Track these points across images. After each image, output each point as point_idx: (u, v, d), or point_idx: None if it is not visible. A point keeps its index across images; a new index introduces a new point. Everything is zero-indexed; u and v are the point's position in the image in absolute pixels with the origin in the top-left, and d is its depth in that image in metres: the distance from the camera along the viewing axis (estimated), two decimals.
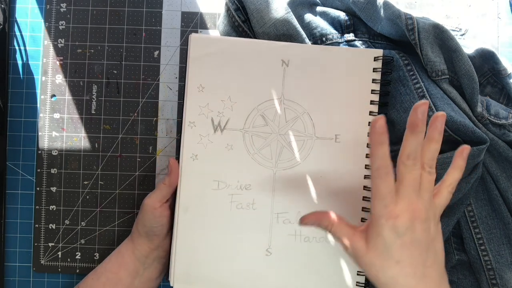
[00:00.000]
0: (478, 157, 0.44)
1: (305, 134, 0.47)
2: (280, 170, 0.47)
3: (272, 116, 0.47)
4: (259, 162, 0.47)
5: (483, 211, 0.48)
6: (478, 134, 0.44)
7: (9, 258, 0.54)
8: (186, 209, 0.46)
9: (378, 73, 0.46)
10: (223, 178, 0.46)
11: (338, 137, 0.47)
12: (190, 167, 0.46)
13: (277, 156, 0.47)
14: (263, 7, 0.48)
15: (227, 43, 0.46)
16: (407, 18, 0.45)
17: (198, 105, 0.46)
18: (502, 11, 0.54)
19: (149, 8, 0.54)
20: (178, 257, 0.46)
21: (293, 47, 0.46)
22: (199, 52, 0.46)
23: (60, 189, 0.53)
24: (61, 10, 0.54)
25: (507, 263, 0.47)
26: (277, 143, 0.47)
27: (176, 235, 0.46)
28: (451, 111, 0.45)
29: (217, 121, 0.46)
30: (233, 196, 0.46)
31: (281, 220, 0.46)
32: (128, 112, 0.54)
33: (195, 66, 0.46)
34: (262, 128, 0.47)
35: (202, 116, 0.46)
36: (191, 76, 0.46)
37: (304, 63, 0.46)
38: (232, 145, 0.46)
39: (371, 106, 0.46)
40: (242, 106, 0.46)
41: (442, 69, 0.46)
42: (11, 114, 0.54)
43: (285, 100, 0.47)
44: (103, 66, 0.54)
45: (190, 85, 0.46)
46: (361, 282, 0.46)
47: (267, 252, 0.47)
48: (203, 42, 0.46)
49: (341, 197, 0.46)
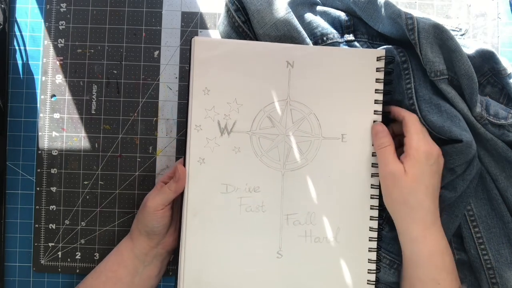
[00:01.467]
0: (464, 153, 0.45)
1: (312, 134, 0.47)
2: (288, 171, 0.47)
3: (279, 117, 0.47)
4: (267, 164, 0.46)
5: (482, 210, 0.48)
6: (453, 136, 0.45)
7: (9, 258, 0.54)
8: (195, 213, 0.46)
9: (381, 73, 0.47)
10: (231, 181, 0.46)
11: (345, 137, 0.47)
12: (198, 171, 0.46)
13: (285, 157, 0.47)
14: (264, 7, 0.48)
15: (231, 46, 0.46)
16: (407, 18, 0.45)
17: (204, 108, 0.46)
18: (502, 11, 0.54)
19: (149, 8, 0.54)
20: (187, 262, 0.46)
21: (297, 49, 0.47)
22: (204, 55, 0.46)
23: (60, 189, 0.53)
24: (61, 10, 0.54)
25: (506, 262, 0.47)
26: (285, 144, 0.47)
27: (184, 240, 0.46)
28: (435, 114, 0.46)
29: (224, 124, 0.46)
30: (242, 199, 0.46)
31: (291, 222, 0.46)
32: (128, 112, 0.54)
33: (199, 69, 0.46)
34: (269, 129, 0.47)
35: (208, 119, 0.46)
36: (196, 79, 0.46)
37: (309, 64, 0.46)
38: (240, 148, 0.46)
39: (375, 105, 0.47)
40: (248, 108, 0.46)
41: (441, 69, 0.46)
42: (11, 114, 0.54)
43: (291, 101, 0.47)
44: (103, 66, 0.54)
45: (195, 88, 0.46)
46: (371, 280, 0.47)
47: (278, 254, 0.46)
48: (207, 45, 0.46)
49: (349, 196, 0.47)
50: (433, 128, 0.46)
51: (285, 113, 0.47)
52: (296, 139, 0.47)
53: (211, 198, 0.46)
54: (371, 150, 0.47)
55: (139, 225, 0.47)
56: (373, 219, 0.47)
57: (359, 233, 0.47)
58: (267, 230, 0.46)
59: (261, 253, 0.46)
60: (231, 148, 0.46)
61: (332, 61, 0.46)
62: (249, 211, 0.46)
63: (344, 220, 0.47)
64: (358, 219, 0.47)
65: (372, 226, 0.47)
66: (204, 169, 0.46)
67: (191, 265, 0.46)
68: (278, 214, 0.46)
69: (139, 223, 0.47)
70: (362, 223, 0.47)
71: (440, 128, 0.45)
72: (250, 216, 0.46)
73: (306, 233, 0.47)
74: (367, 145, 0.47)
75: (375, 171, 0.46)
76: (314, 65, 0.46)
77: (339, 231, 0.47)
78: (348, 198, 0.47)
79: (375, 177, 0.46)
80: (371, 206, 0.47)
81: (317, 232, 0.47)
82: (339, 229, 0.47)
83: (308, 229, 0.46)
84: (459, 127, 0.45)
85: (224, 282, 0.46)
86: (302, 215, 0.46)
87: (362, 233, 0.47)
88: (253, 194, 0.46)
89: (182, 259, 0.46)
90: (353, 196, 0.47)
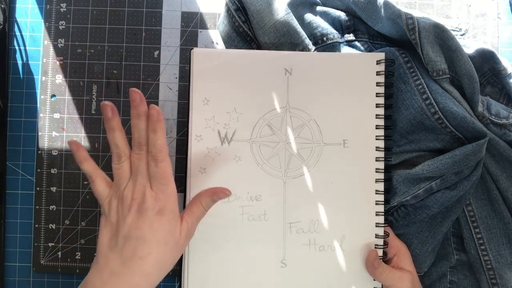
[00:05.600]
0: (479, 152, 0.44)
1: (313, 141, 0.46)
2: (290, 179, 0.46)
3: (279, 125, 0.46)
4: (268, 172, 0.46)
5: (483, 211, 0.48)
6: (477, 128, 0.44)
7: (9, 258, 0.54)
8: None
9: (381, 76, 0.46)
10: (233, 190, 0.46)
11: (347, 142, 0.46)
12: (199, 181, 0.46)
13: (286, 164, 0.46)
14: (264, 8, 0.48)
15: (229, 56, 0.46)
16: (407, 18, 0.45)
17: (204, 118, 0.46)
18: (502, 11, 0.54)
19: (149, 8, 0.54)
20: (191, 273, 0.46)
21: (294, 56, 0.47)
22: (202, 66, 0.46)
23: (60, 189, 0.53)
24: (61, 10, 0.54)
25: (507, 263, 0.47)
26: (285, 151, 0.46)
27: (187, 250, 0.46)
28: (453, 105, 0.45)
29: (224, 133, 0.46)
30: (244, 208, 0.46)
31: (294, 230, 0.46)
32: (128, 112, 0.54)
33: (198, 80, 0.46)
34: (270, 137, 0.46)
35: (209, 129, 0.46)
36: (196, 90, 0.46)
37: (307, 70, 0.46)
38: (240, 156, 0.46)
39: (377, 109, 0.46)
40: (248, 116, 0.46)
41: (443, 69, 0.46)
42: (11, 114, 0.54)
43: (290, 108, 0.46)
44: (103, 66, 0.54)
45: (195, 99, 0.46)
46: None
47: (282, 263, 0.46)
48: (205, 56, 0.46)
49: (353, 203, 0.46)
50: (455, 118, 0.44)
51: (285, 121, 0.46)
52: (297, 146, 0.46)
53: (212, 207, 0.46)
54: (374, 155, 0.46)
55: None
56: (378, 225, 0.46)
57: (364, 240, 0.46)
58: (270, 239, 0.46)
59: (265, 262, 0.46)
60: (231, 157, 0.46)
61: (331, 66, 0.46)
62: (251, 220, 0.46)
63: (348, 227, 0.46)
64: (363, 226, 0.46)
65: (378, 233, 0.46)
66: (205, 179, 0.46)
67: (195, 274, 0.46)
68: (281, 223, 0.46)
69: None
70: (367, 230, 0.46)
71: (463, 119, 0.44)
72: (253, 225, 0.46)
73: (310, 242, 0.46)
74: (370, 150, 0.46)
75: (379, 176, 0.46)
76: (313, 71, 0.46)
77: (344, 238, 0.46)
78: (352, 205, 0.46)
79: (379, 183, 0.46)
80: (376, 212, 0.46)
81: (322, 240, 0.46)
82: (344, 237, 0.46)
83: (312, 237, 0.46)
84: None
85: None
86: (306, 223, 0.46)
87: (367, 240, 0.46)
88: (255, 202, 0.46)
89: (185, 269, 0.46)
90: (357, 203, 0.46)
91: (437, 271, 0.49)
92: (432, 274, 0.49)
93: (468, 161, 0.44)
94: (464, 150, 0.44)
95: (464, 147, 0.44)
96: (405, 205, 0.47)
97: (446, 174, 0.45)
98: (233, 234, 0.46)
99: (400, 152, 0.48)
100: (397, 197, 0.46)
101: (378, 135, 0.46)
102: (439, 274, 0.49)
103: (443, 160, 0.44)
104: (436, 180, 0.45)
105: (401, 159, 0.47)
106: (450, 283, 0.49)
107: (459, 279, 0.49)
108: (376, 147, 0.46)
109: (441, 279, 0.49)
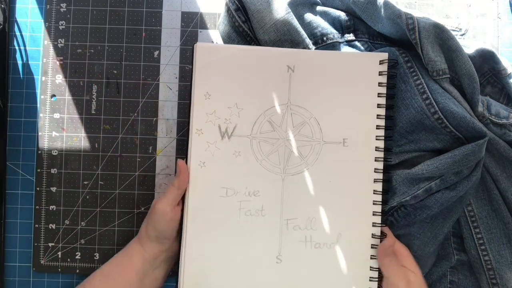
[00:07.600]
0: (479, 153, 0.44)
1: (313, 139, 0.47)
2: (289, 176, 0.46)
3: (279, 121, 0.46)
4: (267, 168, 0.46)
5: (483, 211, 0.48)
6: (477, 128, 0.44)
7: (9, 258, 0.54)
8: (195, 217, 0.46)
9: (384, 76, 0.46)
10: (231, 185, 0.46)
11: (346, 141, 0.46)
12: (198, 175, 0.46)
13: (285, 161, 0.46)
14: (264, 7, 0.48)
15: (232, 51, 0.46)
16: (407, 18, 0.45)
17: (205, 113, 0.46)
18: (502, 11, 0.54)
19: (149, 8, 0.54)
20: (187, 266, 0.46)
21: (298, 53, 0.47)
22: (205, 61, 0.46)
23: (60, 189, 0.53)
24: (61, 10, 0.54)
25: (507, 263, 0.47)
26: (285, 148, 0.46)
27: (184, 243, 0.46)
28: (453, 105, 0.45)
29: (224, 128, 0.46)
30: (242, 203, 0.46)
31: (291, 226, 0.46)
32: (128, 112, 0.54)
33: (201, 74, 0.46)
34: (270, 134, 0.46)
35: (209, 124, 0.46)
36: (198, 84, 0.46)
37: (310, 68, 0.46)
38: (240, 152, 0.46)
39: (378, 109, 0.46)
40: (249, 112, 0.46)
41: (443, 69, 0.46)
42: (11, 114, 0.54)
43: (292, 105, 0.46)
44: (103, 66, 0.54)
45: (197, 93, 0.46)
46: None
47: (277, 259, 0.46)
48: (208, 51, 0.46)
49: (350, 202, 0.46)
50: (455, 118, 0.44)
51: (286, 117, 0.46)
52: (296, 143, 0.46)
53: (211, 201, 0.46)
54: (374, 155, 0.46)
55: (148, 230, 0.46)
56: (375, 225, 0.46)
57: (360, 239, 0.46)
58: (267, 235, 0.46)
59: (261, 257, 0.46)
60: (231, 152, 0.46)
61: (333, 65, 0.46)
62: (248, 215, 0.46)
63: (345, 226, 0.46)
64: (359, 225, 0.46)
65: (374, 233, 0.46)
66: (204, 173, 0.46)
67: (191, 269, 0.46)
68: (277, 219, 0.46)
69: (149, 227, 0.46)
70: (364, 229, 0.46)
71: (462, 119, 0.44)
72: (250, 220, 0.46)
73: (306, 239, 0.46)
74: (369, 150, 0.46)
75: (378, 176, 0.46)
76: (316, 69, 0.46)
77: (340, 237, 0.46)
78: (349, 204, 0.46)
79: (377, 183, 0.46)
80: (373, 212, 0.46)
81: (318, 237, 0.46)
82: (340, 235, 0.46)
83: (308, 234, 0.46)
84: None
85: (224, 285, 0.46)
86: (302, 220, 0.46)
87: (364, 240, 0.46)
88: (252, 198, 0.46)
89: (182, 262, 0.46)
90: (354, 202, 0.46)
91: (437, 271, 0.49)
92: (432, 274, 0.49)
93: (467, 161, 0.44)
94: (464, 150, 0.44)
95: (463, 147, 0.44)
96: (405, 206, 0.47)
97: (445, 174, 0.45)
98: (230, 229, 0.46)
99: (400, 152, 0.47)
100: (397, 197, 0.46)
101: (378, 135, 0.46)
102: (439, 274, 0.49)
103: (443, 160, 0.44)
104: (436, 180, 0.45)
105: (401, 159, 0.47)
106: (450, 283, 0.49)
107: (459, 279, 0.49)
108: (376, 147, 0.46)
109: (441, 279, 0.49)
